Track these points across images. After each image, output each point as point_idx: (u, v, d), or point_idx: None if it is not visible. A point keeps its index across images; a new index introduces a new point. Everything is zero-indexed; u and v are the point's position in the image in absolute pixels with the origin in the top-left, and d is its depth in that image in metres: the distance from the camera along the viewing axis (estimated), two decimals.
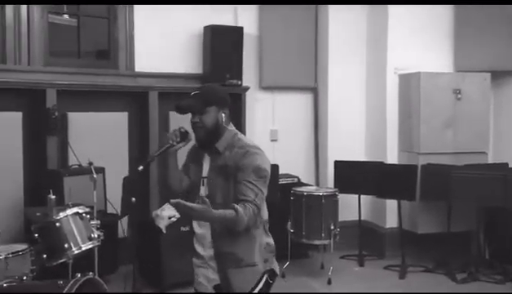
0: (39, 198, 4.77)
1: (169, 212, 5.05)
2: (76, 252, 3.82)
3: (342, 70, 6.54)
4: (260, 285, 2.75)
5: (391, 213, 6.12)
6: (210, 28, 5.99)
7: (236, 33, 6.12)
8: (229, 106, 2.81)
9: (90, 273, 3.66)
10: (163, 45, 5.97)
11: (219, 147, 2.74)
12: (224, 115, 2.76)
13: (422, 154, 5.90)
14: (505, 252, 5.74)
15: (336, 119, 6.56)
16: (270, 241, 2.85)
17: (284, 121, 6.69)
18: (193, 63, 6.16)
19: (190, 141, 2.82)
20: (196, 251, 2.85)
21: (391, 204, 6.02)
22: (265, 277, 2.78)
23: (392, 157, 6.22)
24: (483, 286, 5.39)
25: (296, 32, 6.59)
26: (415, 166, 5.76)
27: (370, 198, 6.30)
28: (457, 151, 5.99)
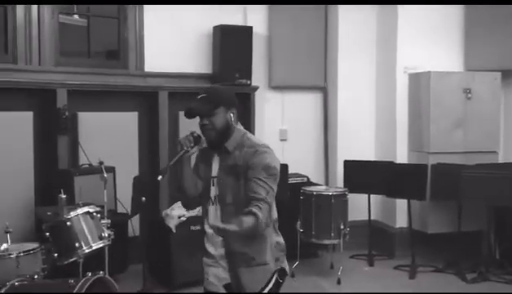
0: (50, 198, 4.80)
1: (178, 212, 5.06)
2: (86, 251, 3.85)
3: (352, 70, 6.53)
4: (270, 285, 2.75)
5: (401, 213, 6.10)
6: (220, 27, 6.00)
7: (246, 33, 6.12)
8: (236, 105, 2.81)
9: (101, 272, 3.67)
10: (173, 45, 5.99)
11: (229, 147, 2.75)
12: (233, 115, 2.77)
13: (432, 154, 5.88)
14: None
15: (345, 119, 6.55)
16: (280, 240, 2.85)
17: (293, 120, 6.68)
18: (203, 63, 6.18)
19: (202, 145, 2.82)
20: (207, 250, 2.85)
21: (401, 204, 6.00)
22: (275, 276, 2.77)
23: (402, 156, 6.20)
24: (494, 286, 5.36)
25: (305, 31, 6.58)
26: (425, 165, 5.74)
27: (380, 198, 6.28)
28: (468, 150, 5.96)
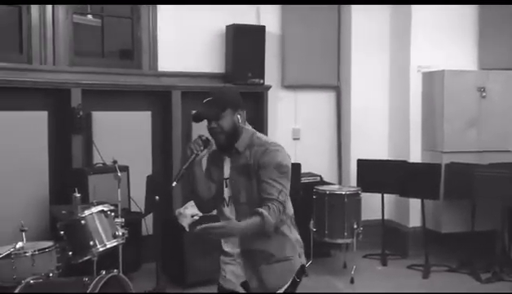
0: (64, 197, 4.83)
1: (192, 210, 5.08)
2: (101, 250, 3.88)
3: (365, 68, 6.51)
4: (288, 283, 2.74)
5: (415, 212, 6.08)
6: (233, 27, 6.01)
7: (259, 32, 6.12)
8: (243, 106, 2.81)
9: (115, 270, 3.69)
10: (186, 44, 6.00)
11: (239, 147, 2.75)
12: (240, 116, 2.77)
13: (446, 153, 5.85)
14: None
15: (359, 118, 6.53)
16: (299, 237, 2.85)
17: (306, 120, 6.68)
18: (216, 62, 6.19)
19: (212, 147, 2.82)
20: (225, 250, 2.84)
21: (415, 203, 5.98)
22: (293, 276, 2.76)
23: (415, 155, 6.18)
24: (508, 286, 5.32)
25: (318, 30, 6.57)
26: (439, 164, 5.72)
27: (393, 197, 6.26)
28: (482, 150, 5.92)
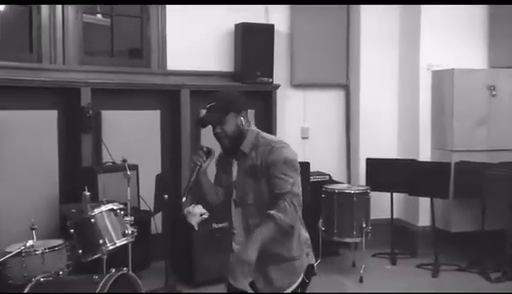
0: (74, 195, 4.84)
1: (200, 209, 5.08)
2: (110, 248, 3.89)
3: (374, 67, 6.50)
4: (297, 282, 2.75)
5: (424, 211, 6.06)
6: (241, 26, 6.01)
7: (268, 31, 6.12)
8: (246, 106, 2.83)
9: (125, 268, 3.70)
10: (195, 43, 6.01)
11: (245, 149, 2.77)
12: (243, 118, 2.78)
13: (455, 152, 5.83)
14: None
15: (368, 116, 6.52)
16: (307, 236, 2.86)
17: (315, 118, 6.67)
18: (224, 61, 6.19)
19: (214, 156, 2.87)
20: (235, 250, 2.85)
21: (424, 202, 5.96)
22: (302, 275, 2.76)
23: (425, 154, 6.16)
24: None
25: (327, 29, 6.56)
26: (448, 163, 5.69)
27: (402, 196, 6.25)
28: (491, 148, 5.90)
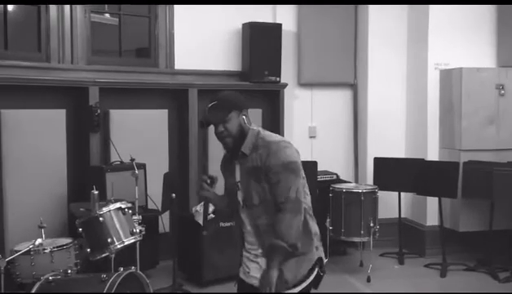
0: (82, 194, 4.87)
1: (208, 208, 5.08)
2: (118, 247, 3.90)
3: (382, 66, 6.48)
4: (311, 277, 2.76)
5: (432, 211, 6.04)
6: (249, 25, 6.01)
7: (275, 30, 6.12)
8: (247, 106, 2.84)
9: (132, 267, 3.72)
10: (202, 42, 6.02)
11: (245, 150, 2.77)
12: (245, 117, 2.80)
13: (464, 151, 5.80)
14: None
15: (375, 116, 6.50)
16: (317, 229, 2.86)
17: (322, 118, 6.67)
18: (232, 60, 6.20)
19: (217, 181, 2.91)
20: (247, 248, 2.86)
21: (432, 202, 5.95)
22: (316, 268, 2.78)
23: (433, 154, 6.14)
24: None
25: (335, 28, 6.55)
26: (456, 163, 5.67)
27: (410, 196, 6.24)
28: (500, 148, 5.87)
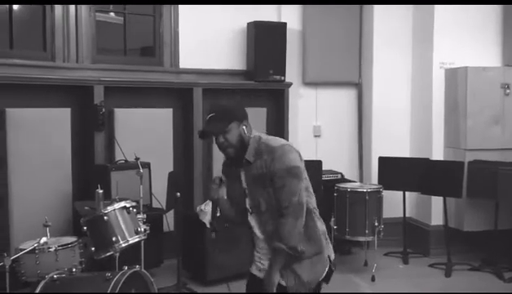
0: (87, 193, 4.89)
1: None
2: (123, 245, 3.89)
3: (387, 65, 6.46)
4: (324, 274, 2.83)
5: (437, 210, 6.03)
6: (254, 24, 6.01)
7: (280, 29, 6.12)
8: (246, 117, 2.84)
9: (137, 266, 3.71)
10: (207, 41, 6.03)
11: (249, 157, 2.78)
12: (245, 127, 2.81)
13: (469, 150, 5.79)
14: None
15: (380, 115, 6.49)
16: (324, 228, 2.90)
17: (327, 117, 6.66)
18: (237, 59, 6.20)
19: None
20: (258, 249, 2.89)
21: (437, 201, 5.93)
22: (328, 265, 2.84)
23: (438, 153, 6.12)
24: None
25: (340, 27, 6.54)
26: (461, 162, 5.66)
27: (415, 195, 6.23)
28: (505, 147, 5.85)
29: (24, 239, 4.08)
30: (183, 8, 5.94)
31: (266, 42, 6.01)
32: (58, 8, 5.35)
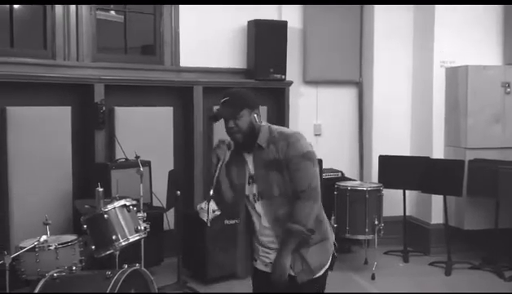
0: (87, 191, 4.89)
1: (213, 206, 5.09)
2: (123, 244, 3.91)
3: (388, 64, 6.46)
4: (330, 260, 2.89)
5: (437, 209, 6.03)
6: (254, 22, 6.01)
7: (280, 28, 6.12)
8: (258, 105, 2.88)
9: (137, 264, 3.71)
10: (208, 40, 6.02)
11: (261, 143, 2.82)
12: (256, 115, 2.84)
13: (469, 149, 5.79)
14: None
15: (381, 114, 6.49)
16: (325, 216, 2.97)
17: (328, 115, 6.66)
18: (237, 58, 6.20)
19: (232, 148, 2.88)
20: (261, 241, 2.90)
21: (437, 200, 5.93)
22: (331, 254, 2.90)
23: (438, 152, 6.12)
24: None
25: (340, 26, 6.54)
26: (462, 161, 5.66)
27: (415, 194, 6.23)
28: (506, 146, 5.85)
29: (25, 237, 4.09)
30: (184, 7, 5.93)
31: (266, 41, 6.01)
32: (58, 6, 5.35)
